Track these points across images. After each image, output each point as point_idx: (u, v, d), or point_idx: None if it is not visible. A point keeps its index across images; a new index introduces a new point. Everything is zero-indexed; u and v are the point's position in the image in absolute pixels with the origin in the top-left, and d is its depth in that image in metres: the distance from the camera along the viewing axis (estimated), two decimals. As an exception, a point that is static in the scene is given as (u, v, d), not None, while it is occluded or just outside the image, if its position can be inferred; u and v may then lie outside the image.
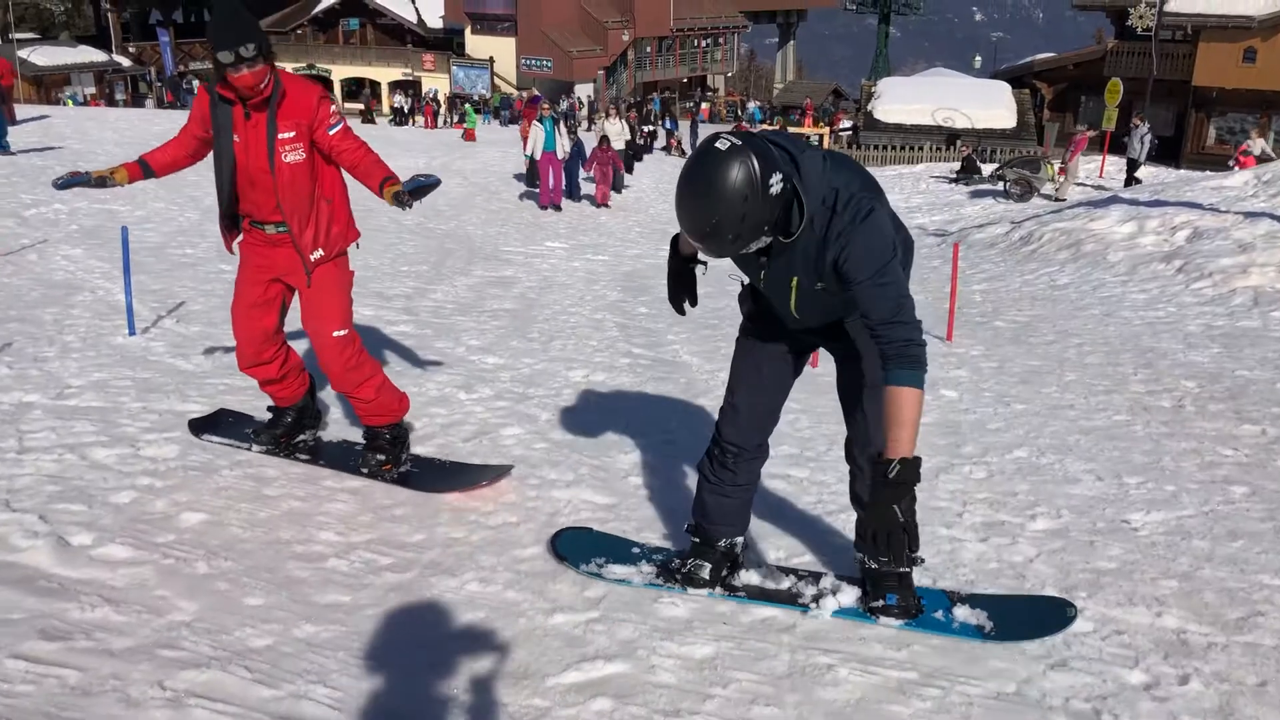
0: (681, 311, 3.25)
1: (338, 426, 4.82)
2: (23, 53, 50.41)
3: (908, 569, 3.12)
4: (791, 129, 34.84)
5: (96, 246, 9.24)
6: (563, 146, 17.00)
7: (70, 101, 45.74)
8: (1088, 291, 8.96)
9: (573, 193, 18.24)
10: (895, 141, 32.04)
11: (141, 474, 4.05)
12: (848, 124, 40.53)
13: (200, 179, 13.60)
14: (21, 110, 26.93)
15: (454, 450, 4.57)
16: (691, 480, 4.07)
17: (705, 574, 3.31)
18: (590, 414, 5.21)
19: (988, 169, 25.64)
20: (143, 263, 9.04)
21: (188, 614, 3.01)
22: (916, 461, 2.69)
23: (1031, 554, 3.66)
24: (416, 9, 59.61)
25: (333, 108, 3.92)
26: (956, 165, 25.64)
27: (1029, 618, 3.17)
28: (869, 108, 34.21)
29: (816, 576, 3.38)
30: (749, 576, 3.38)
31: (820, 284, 2.75)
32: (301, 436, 4.47)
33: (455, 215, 14.85)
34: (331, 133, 3.84)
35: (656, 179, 23.70)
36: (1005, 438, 5.02)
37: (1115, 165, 25.36)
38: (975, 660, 2.94)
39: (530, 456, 4.52)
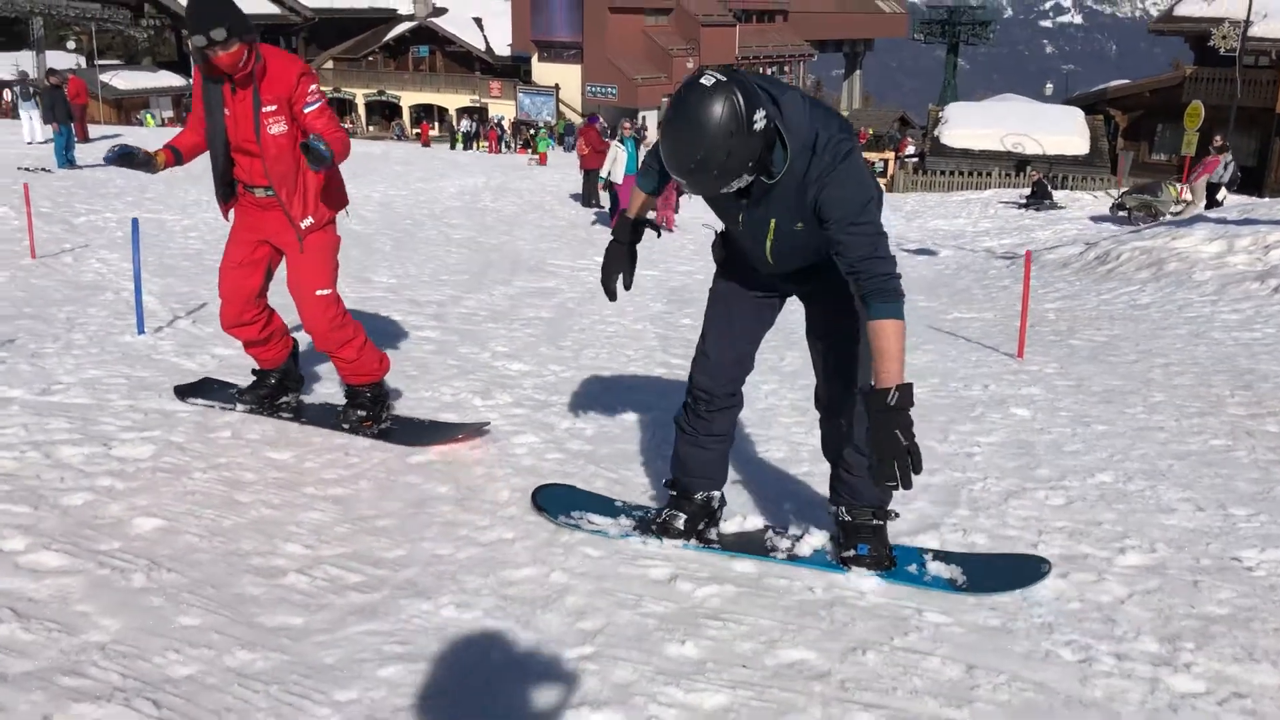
0: (613, 295, 3.28)
1: (321, 390, 4.91)
2: (104, 77, 51.98)
3: (882, 522, 3.18)
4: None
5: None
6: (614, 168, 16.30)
7: (150, 119, 46.98)
8: (1172, 311, 8.23)
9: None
10: (963, 167, 31.17)
11: (105, 474, 3.64)
12: (913, 150, 39.75)
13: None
14: (95, 130, 27.56)
15: (458, 457, 4.09)
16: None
17: (680, 524, 3.33)
18: (614, 425, 4.70)
19: (1060, 195, 24.74)
20: (177, 266, 8.81)
21: (106, 634, 2.55)
22: (909, 387, 2.66)
23: (1122, 594, 3.05)
24: (485, 37, 60.26)
25: (312, 86, 4.02)
26: (1026, 190, 24.77)
27: (1002, 572, 3.16)
28: (936, 133, 33.43)
29: (792, 531, 3.41)
30: (726, 529, 3.41)
31: (799, 224, 2.77)
32: (284, 398, 4.56)
33: (507, 231, 14.53)
34: (307, 111, 3.98)
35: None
36: (1086, 460, 4.39)
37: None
38: (1056, 725, 2.36)
39: (541, 467, 4.01)
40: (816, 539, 3.28)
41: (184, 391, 4.71)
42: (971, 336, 7.48)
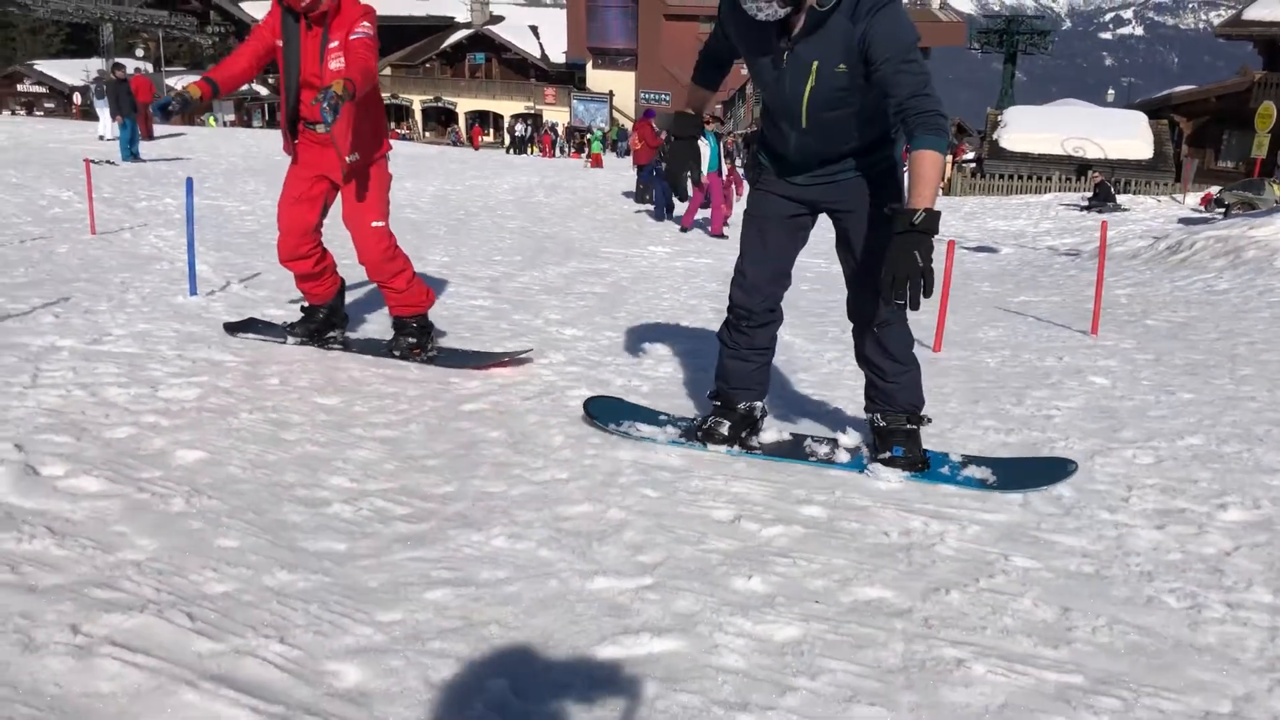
0: (684, 189, 3.38)
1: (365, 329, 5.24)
2: (170, 80, 53.10)
3: (915, 426, 3.30)
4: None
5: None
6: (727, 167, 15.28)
7: (213, 120, 48.01)
8: (1253, 296, 7.85)
9: (667, 213, 16.78)
10: (1022, 171, 30.54)
11: (150, 413, 3.54)
12: (970, 155, 39.11)
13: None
14: (161, 128, 28.05)
15: (510, 406, 3.93)
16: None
17: (725, 430, 3.48)
18: (669, 384, 4.52)
19: (1122, 199, 24.12)
20: (232, 242, 8.81)
21: (142, 553, 2.42)
22: (936, 214, 2.72)
23: (1227, 546, 2.79)
24: (540, 44, 60.62)
25: (366, 22, 4.28)
26: (1088, 194, 24.18)
27: (1031, 472, 3.27)
28: (994, 136, 32.83)
29: (830, 440, 3.54)
30: (766, 437, 3.54)
31: (842, 65, 2.79)
32: (332, 333, 4.82)
33: (560, 222, 14.43)
34: (353, 37, 4.17)
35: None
36: (1173, 424, 4.11)
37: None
38: (1167, 667, 2.13)
39: (596, 418, 3.84)
40: (852, 441, 3.47)
41: (234, 327, 4.95)
42: (1041, 316, 7.19)
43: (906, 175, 2.92)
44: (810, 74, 2.83)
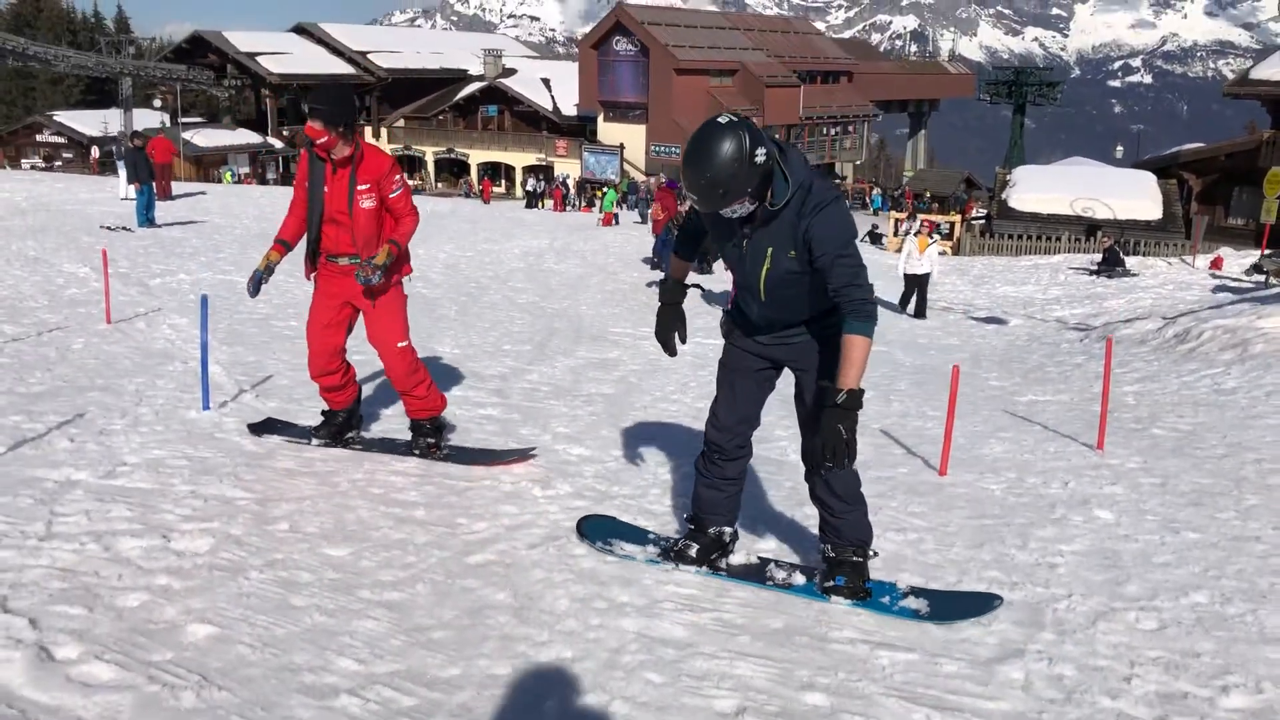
0: (673, 351, 3.81)
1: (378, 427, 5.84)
2: (186, 134, 53.93)
3: (861, 559, 3.68)
4: (922, 215, 33.86)
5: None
6: None
7: (228, 175, 48.66)
8: (1260, 398, 7.86)
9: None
10: (1031, 231, 30.68)
11: (162, 572, 3.59)
12: (980, 212, 39.32)
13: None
14: (180, 186, 28.47)
15: (517, 561, 3.97)
16: (784, 606, 3.42)
17: (693, 553, 3.90)
18: (676, 524, 4.55)
19: (1132, 261, 24.18)
20: (244, 333, 8.91)
21: (152, 763, 2.46)
22: (860, 392, 3.18)
23: (1228, 745, 2.81)
24: (553, 97, 61.41)
25: (397, 176, 4.90)
26: (1097, 257, 24.25)
27: (962, 605, 3.64)
28: (1003, 196, 33.03)
29: (790, 566, 3.97)
30: (734, 560, 3.98)
31: (791, 252, 3.26)
32: (350, 433, 5.40)
33: (570, 295, 14.56)
34: (392, 195, 4.88)
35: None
36: (1178, 575, 4.13)
37: (1273, 264, 23.55)
38: None
39: (600, 572, 3.88)
40: (805, 572, 3.86)
41: (257, 428, 5.50)
42: (1048, 423, 7.21)
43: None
44: (766, 258, 3.32)
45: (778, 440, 6.14)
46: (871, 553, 3.73)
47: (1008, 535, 4.57)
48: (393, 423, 5.94)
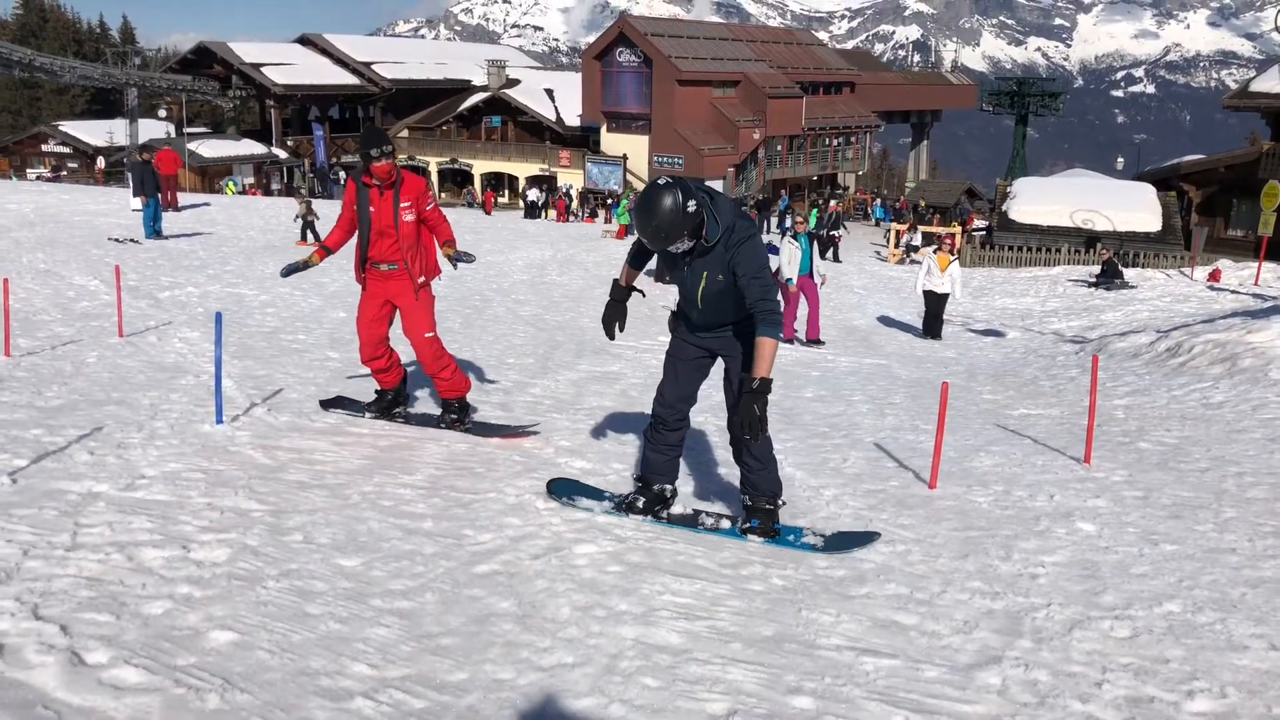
0: (612, 335, 4.80)
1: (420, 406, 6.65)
2: (191, 145, 54.21)
3: (772, 508, 4.69)
4: (923, 227, 34.05)
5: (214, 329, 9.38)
6: (818, 271, 13.87)
7: (230, 186, 48.80)
8: (1246, 413, 8.04)
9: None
10: (1031, 242, 30.91)
11: (183, 580, 3.78)
12: (981, 224, 39.53)
13: (328, 266, 13.94)
14: (185, 198, 28.72)
15: (520, 570, 4.16)
16: (775, 614, 3.60)
17: (640, 504, 4.88)
18: (674, 534, 4.74)
19: (1131, 274, 24.37)
20: (253, 347, 9.11)
21: (182, 760, 2.65)
22: (769, 380, 4.15)
23: (1189, 746, 2.99)
24: (556, 108, 61.73)
25: (430, 193, 6.25)
26: (1096, 269, 24.45)
27: (848, 541, 4.68)
28: (1004, 208, 33.25)
29: (716, 514, 5.01)
30: (674, 511, 4.93)
31: (720, 276, 4.29)
32: (397, 409, 6.57)
33: (573, 307, 14.76)
34: (429, 208, 6.19)
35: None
36: (1153, 585, 4.31)
37: (1274, 273, 23.76)
38: None
39: (601, 581, 4.07)
40: (729, 519, 4.89)
41: (327, 404, 6.79)
42: (1038, 437, 7.40)
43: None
44: (702, 279, 4.36)
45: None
46: (781, 502, 4.70)
47: (992, 547, 4.76)
48: (428, 405, 7.14)
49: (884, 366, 11.74)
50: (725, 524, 4.80)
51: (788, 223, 18.42)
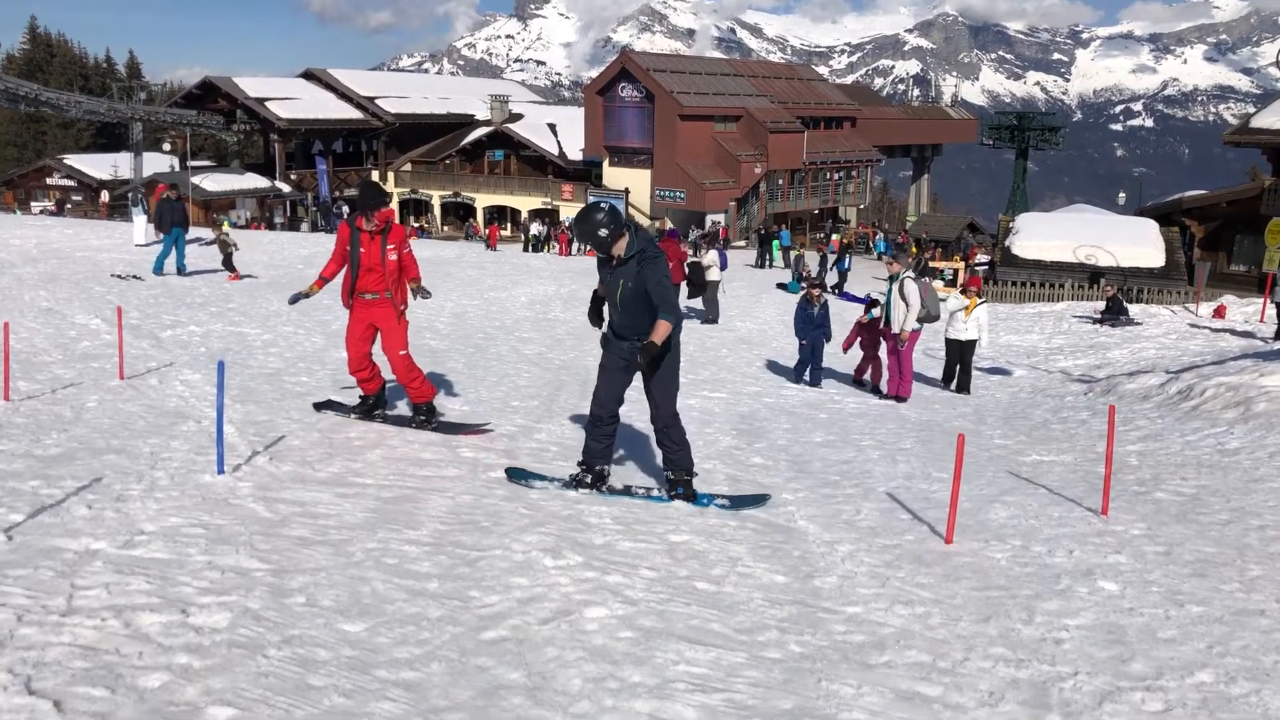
0: (599, 325, 6.24)
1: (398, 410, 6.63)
2: (196, 179, 54.39)
3: (689, 478, 6.18)
4: (925, 257, 34.03)
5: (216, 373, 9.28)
6: (906, 317, 11.79)
7: (226, 224, 48.63)
8: (1263, 459, 7.92)
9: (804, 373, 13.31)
10: (1034, 278, 30.88)
11: (182, 649, 3.65)
12: (984, 258, 39.54)
13: (332, 304, 13.87)
14: (189, 233, 28.67)
15: (529, 637, 4.03)
16: (793, 687, 3.47)
17: (588, 480, 6.25)
18: (687, 595, 4.61)
19: (1135, 310, 24.30)
20: (255, 390, 9.01)
21: None
22: (654, 344, 5.58)
23: (1233, 837, 2.85)
24: (559, 142, 62.07)
25: (409, 240, 7.77)
26: (1100, 305, 24.37)
27: (746, 501, 6.24)
28: (1006, 243, 33.26)
29: (646, 488, 6.44)
30: (613, 484, 6.31)
31: (632, 284, 5.72)
32: (378, 411, 7.93)
33: (577, 345, 14.65)
34: (406, 251, 7.58)
35: (780, 310, 23.28)
36: (1182, 652, 4.18)
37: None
38: None
39: (613, 649, 3.94)
40: (655, 491, 6.34)
41: (320, 406, 8.16)
42: (1053, 486, 7.27)
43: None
44: (619, 286, 5.81)
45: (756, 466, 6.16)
46: (695, 474, 6.23)
47: (1013, 609, 4.62)
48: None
49: (892, 408, 11.62)
50: (655, 494, 6.26)
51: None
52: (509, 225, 59.66)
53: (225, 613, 4.01)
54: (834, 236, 50.76)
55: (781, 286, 30.63)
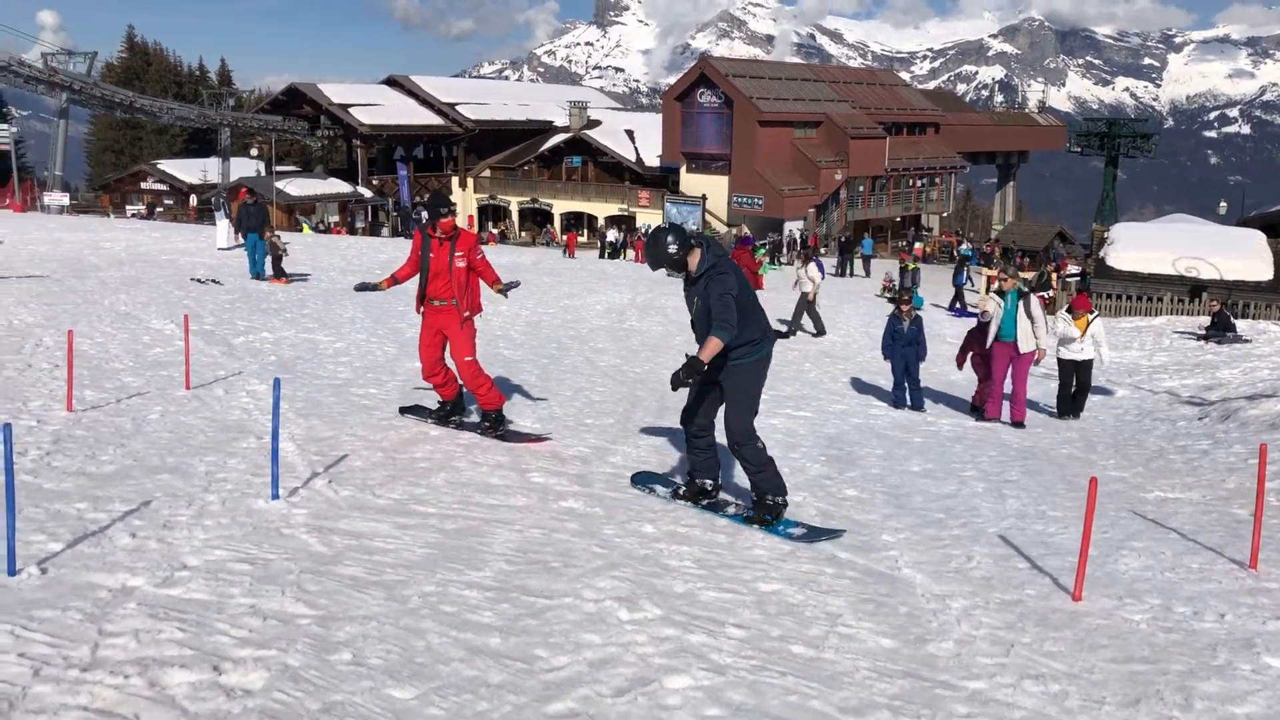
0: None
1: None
2: (279, 183, 55.39)
3: (771, 503, 5.96)
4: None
5: (283, 383, 8.98)
6: (1032, 335, 11.16)
7: (306, 227, 49.23)
8: None
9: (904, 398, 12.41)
10: (1130, 291, 29.46)
11: (208, 717, 3.21)
12: (1075, 270, 38.04)
13: (405, 310, 13.55)
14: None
15: (601, 710, 3.50)
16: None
17: (691, 495, 6.27)
18: (782, 662, 4.03)
19: (1242, 325, 22.92)
20: (321, 402, 8.68)
21: None
22: (700, 361, 5.55)
23: None
24: (636, 148, 61.77)
25: (480, 246, 7.79)
26: (1205, 320, 23.04)
27: (820, 534, 5.85)
28: (1101, 254, 31.84)
29: (741, 504, 6.30)
30: (714, 500, 6.30)
31: (701, 302, 5.77)
32: (454, 416, 8.03)
33: (652, 357, 14.13)
34: (478, 257, 7.63)
35: (864, 320, 22.49)
36: (1381, 755, 3.48)
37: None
38: None
39: (699, 732, 3.39)
40: (734, 506, 6.29)
41: (405, 410, 8.36)
42: (1184, 530, 6.51)
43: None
44: (693, 304, 5.87)
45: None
46: (783, 500, 5.95)
47: (1165, 690, 3.95)
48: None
49: (990, 431, 10.86)
50: (734, 513, 6.13)
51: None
52: (585, 231, 59.54)
53: (262, 671, 3.56)
54: (916, 245, 49.48)
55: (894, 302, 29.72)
